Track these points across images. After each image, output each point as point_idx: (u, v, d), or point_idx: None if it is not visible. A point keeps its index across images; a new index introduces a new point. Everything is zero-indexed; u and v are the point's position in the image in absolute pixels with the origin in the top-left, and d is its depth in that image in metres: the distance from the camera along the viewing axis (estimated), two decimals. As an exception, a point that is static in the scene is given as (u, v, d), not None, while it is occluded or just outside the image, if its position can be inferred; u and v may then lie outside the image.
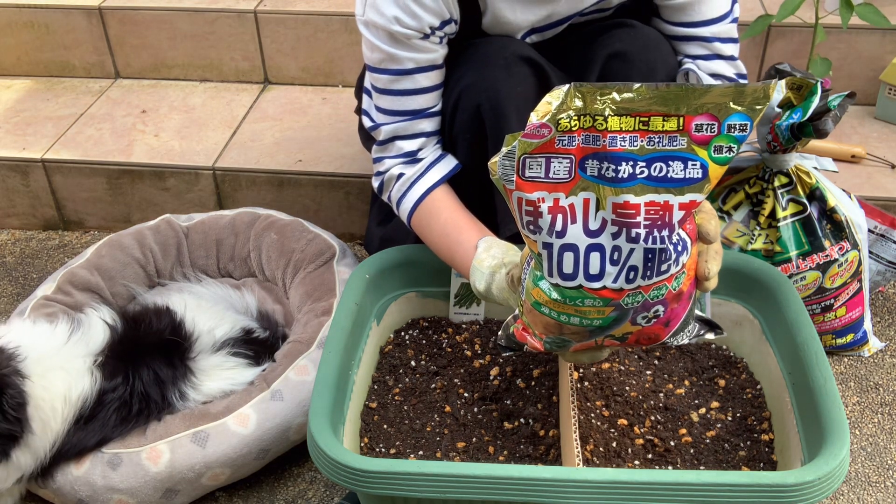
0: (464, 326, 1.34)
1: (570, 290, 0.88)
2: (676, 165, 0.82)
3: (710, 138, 0.82)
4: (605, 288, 0.87)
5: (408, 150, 1.28)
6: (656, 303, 0.89)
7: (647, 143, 0.81)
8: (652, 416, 1.19)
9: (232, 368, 1.37)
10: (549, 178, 0.83)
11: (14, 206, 1.99)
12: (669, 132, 0.81)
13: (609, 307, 0.88)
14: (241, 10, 2.10)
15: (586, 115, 0.80)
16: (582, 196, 0.84)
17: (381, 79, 1.25)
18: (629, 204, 0.83)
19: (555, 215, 0.84)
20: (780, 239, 1.43)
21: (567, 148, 0.82)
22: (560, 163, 0.83)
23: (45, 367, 1.24)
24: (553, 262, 0.87)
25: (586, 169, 0.83)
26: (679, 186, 0.83)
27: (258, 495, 1.35)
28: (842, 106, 1.35)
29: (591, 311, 0.89)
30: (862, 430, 1.41)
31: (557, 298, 0.89)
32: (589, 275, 0.86)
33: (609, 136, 0.81)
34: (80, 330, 1.31)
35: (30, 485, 1.31)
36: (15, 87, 2.23)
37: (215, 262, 1.68)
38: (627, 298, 0.88)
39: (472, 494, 0.95)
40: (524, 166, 0.83)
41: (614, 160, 0.81)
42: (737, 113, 0.81)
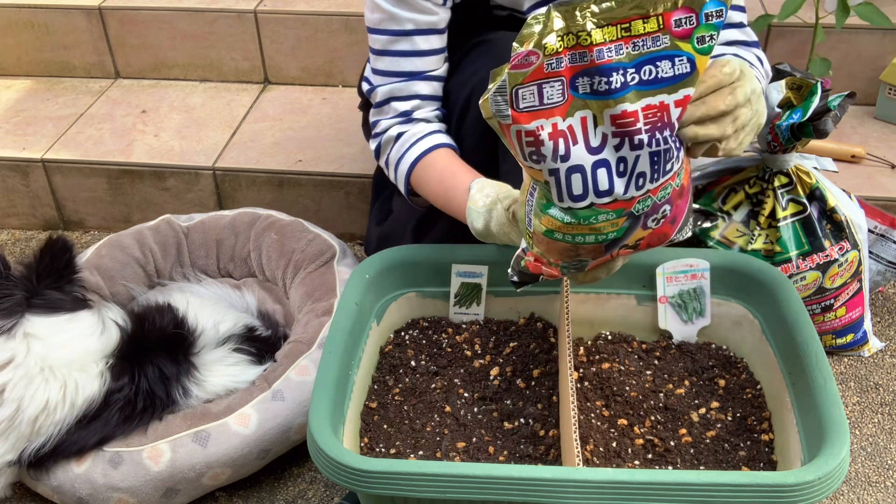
0: (464, 326, 1.34)
1: (582, 210, 0.89)
2: (665, 64, 0.83)
3: (690, 31, 0.83)
4: (616, 200, 0.88)
5: (403, 110, 1.29)
6: (664, 203, 0.91)
7: (632, 49, 0.82)
8: (652, 416, 1.19)
9: (235, 365, 1.37)
10: (543, 105, 0.83)
11: (14, 206, 1.99)
12: (651, 33, 0.82)
13: (622, 217, 0.90)
14: (241, 10, 2.10)
15: (569, 34, 0.80)
16: (579, 115, 0.84)
17: (379, 39, 1.26)
18: (626, 113, 0.83)
19: (556, 140, 0.84)
20: (780, 239, 1.43)
21: (556, 70, 0.82)
22: (552, 86, 0.83)
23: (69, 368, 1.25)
24: (562, 187, 0.87)
25: (578, 87, 0.83)
26: (671, 84, 0.84)
27: (258, 495, 1.35)
28: (842, 106, 1.35)
29: (606, 226, 0.90)
30: (862, 430, 1.41)
31: (571, 221, 0.90)
32: (599, 191, 0.87)
33: (595, 50, 0.81)
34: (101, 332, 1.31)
35: (29, 482, 1.31)
36: (15, 87, 2.23)
37: (215, 262, 1.68)
38: (638, 205, 0.89)
39: (472, 494, 0.95)
40: (517, 98, 0.83)
41: (604, 72, 0.82)
42: (710, 0, 0.82)
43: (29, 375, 1.22)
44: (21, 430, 1.23)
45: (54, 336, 1.26)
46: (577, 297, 1.30)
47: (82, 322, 1.29)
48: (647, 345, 1.31)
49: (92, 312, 1.32)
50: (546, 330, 1.32)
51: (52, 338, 1.25)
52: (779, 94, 1.40)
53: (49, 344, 1.25)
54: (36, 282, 1.28)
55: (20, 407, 1.21)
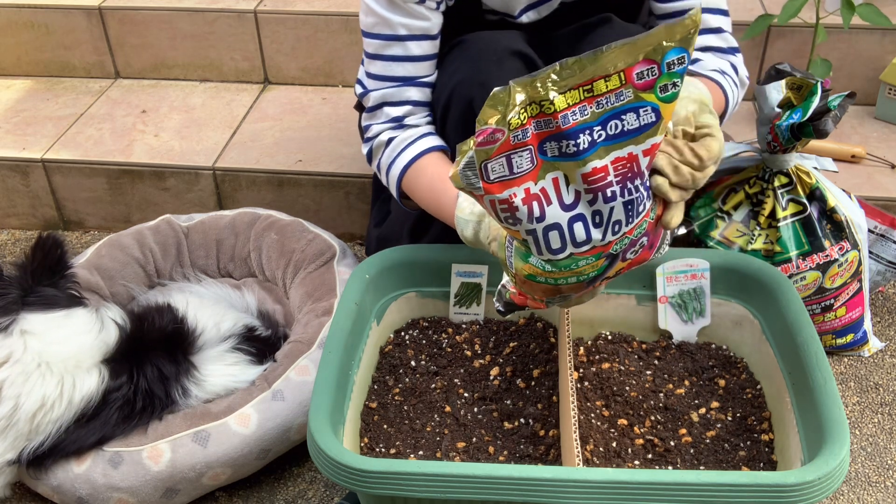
0: (464, 326, 1.34)
1: (562, 261, 0.90)
2: (630, 117, 0.84)
3: (653, 82, 0.83)
4: (594, 247, 0.89)
5: (394, 115, 1.29)
6: (640, 237, 0.92)
7: (596, 108, 0.82)
8: (652, 416, 1.19)
9: (234, 364, 1.37)
10: (514, 174, 0.84)
11: (14, 206, 1.99)
12: (614, 90, 0.82)
13: (601, 259, 0.91)
14: (241, 10, 2.10)
15: (532, 104, 0.81)
16: (550, 177, 0.85)
17: (372, 43, 1.27)
18: (597, 169, 0.84)
19: (530, 204, 0.85)
20: (780, 239, 1.43)
21: (523, 141, 0.82)
22: (521, 156, 0.83)
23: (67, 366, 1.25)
24: (540, 244, 0.89)
25: (546, 151, 0.84)
26: (638, 135, 0.85)
27: (258, 495, 1.35)
28: (842, 106, 1.35)
29: (586, 268, 0.92)
30: (862, 430, 1.41)
31: (551, 270, 0.92)
32: (577, 242, 0.89)
33: (560, 116, 0.81)
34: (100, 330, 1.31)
35: (29, 482, 1.31)
36: (15, 87, 2.23)
37: (215, 262, 1.68)
38: (616, 246, 0.91)
39: (472, 494, 0.96)
40: (487, 171, 0.84)
41: (571, 136, 0.82)
42: (671, 49, 0.82)
43: (26, 372, 1.22)
44: (19, 428, 1.23)
45: (50, 332, 1.26)
46: (577, 297, 1.29)
47: (78, 318, 1.30)
48: (647, 345, 1.31)
49: (88, 310, 1.32)
50: (546, 330, 1.32)
51: (48, 334, 1.25)
52: (779, 94, 1.40)
53: (45, 340, 1.25)
54: (30, 280, 1.28)
55: (18, 404, 1.21)
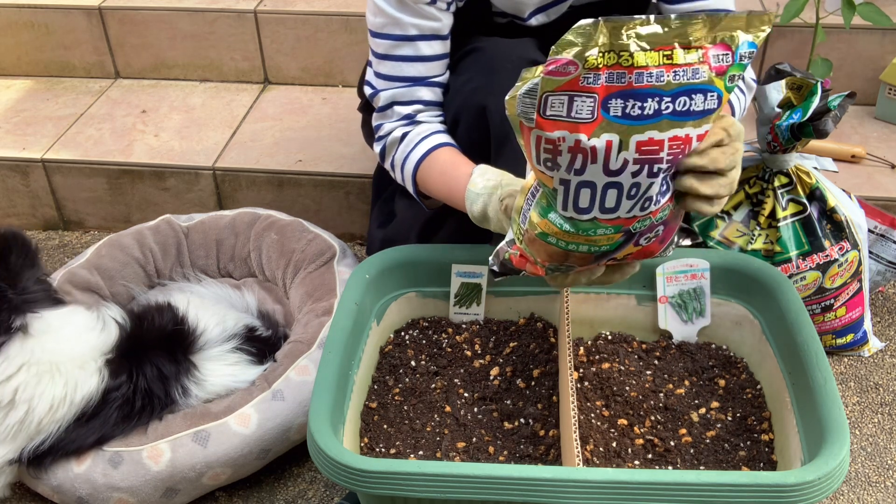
0: (464, 326, 1.34)
1: (583, 223, 0.88)
2: (699, 98, 0.81)
3: (726, 68, 0.81)
4: (618, 218, 0.87)
5: (406, 113, 1.29)
6: (659, 224, 0.91)
7: (672, 78, 0.79)
8: (652, 416, 1.19)
9: (235, 364, 1.37)
10: (570, 118, 0.81)
11: (14, 206, 1.99)
12: (692, 64, 0.80)
13: (619, 233, 0.89)
14: (241, 10, 2.10)
15: (611, 52, 0.78)
16: (605, 138, 0.81)
17: (382, 44, 1.26)
18: (654, 140, 0.81)
19: (574, 154, 0.82)
20: (780, 239, 1.43)
21: (591, 86, 0.79)
22: (583, 101, 0.80)
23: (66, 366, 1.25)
24: (569, 197, 0.86)
25: (609, 109, 0.80)
26: (699, 119, 0.83)
27: (258, 495, 1.35)
28: (842, 106, 1.35)
29: (602, 239, 0.90)
30: (862, 430, 1.41)
31: (569, 230, 0.89)
32: (604, 208, 0.86)
33: (635, 72, 0.78)
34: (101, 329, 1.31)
35: (29, 481, 1.31)
36: (15, 87, 2.23)
37: (215, 262, 1.68)
38: (637, 224, 0.89)
39: (472, 494, 0.95)
40: (545, 104, 0.80)
41: (640, 97, 0.79)
42: (747, 41, 0.81)
43: (39, 373, 1.22)
44: (30, 431, 1.23)
45: (61, 330, 1.27)
46: (577, 297, 1.30)
47: (82, 316, 1.31)
48: (647, 345, 1.31)
49: (86, 308, 1.33)
50: (546, 330, 1.32)
51: (59, 332, 1.26)
52: (779, 94, 1.40)
53: (58, 338, 1.25)
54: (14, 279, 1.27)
55: (31, 407, 1.22)
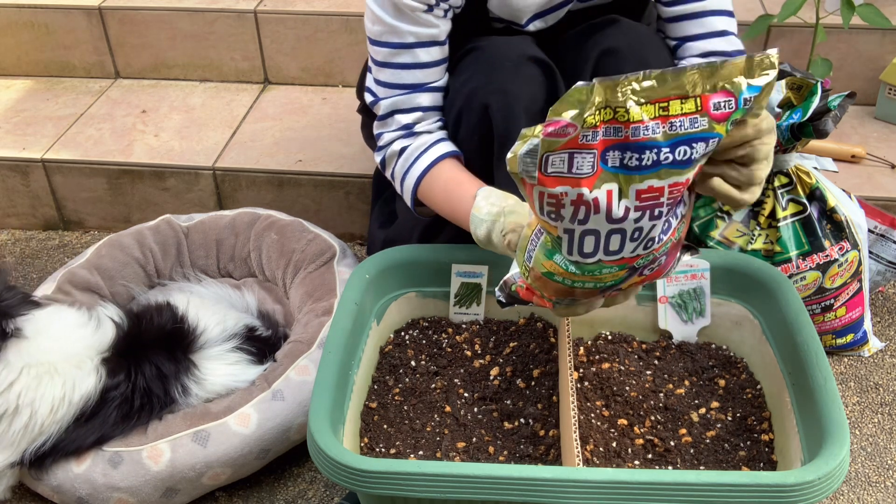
0: (464, 326, 1.34)
1: (589, 265, 0.90)
2: (700, 146, 0.82)
3: (728, 115, 0.82)
4: (623, 258, 0.89)
5: (405, 123, 1.28)
6: (662, 255, 0.92)
7: (668, 129, 0.81)
8: (652, 416, 1.19)
9: (235, 364, 1.37)
10: (572, 173, 0.82)
11: (14, 206, 1.99)
12: (689, 114, 0.81)
13: (623, 270, 0.91)
14: (241, 10, 2.10)
15: (607, 108, 0.80)
16: (605, 188, 0.83)
17: (381, 52, 1.26)
18: (653, 188, 0.83)
19: (577, 207, 0.84)
20: (780, 239, 1.43)
21: (590, 143, 0.81)
22: (583, 157, 0.82)
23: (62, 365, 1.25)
24: (574, 245, 0.88)
25: (608, 160, 0.82)
26: (698, 164, 0.84)
27: (258, 495, 1.35)
28: (842, 106, 1.35)
29: (607, 276, 0.91)
30: (862, 430, 1.41)
31: (575, 272, 0.91)
32: (609, 251, 0.88)
33: (632, 127, 0.80)
34: (97, 328, 1.31)
35: (29, 482, 1.31)
36: (15, 87, 2.23)
37: (215, 262, 1.68)
38: (641, 260, 0.90)
39: (472, 494, 0.95)
40: (546, 163, 0.82)
41: (637, 149, 0.81)
42: (750, 87, 0.82)
43: (38, 375, 1.22)
44: (33, 434, 1.23)
45: (52, 328, 1.27)
46: (577, 297, 1.29)
47: (68, 313, 1.31)
48: (647, 345, 1.31)
49: (70, 306, 1.33)
50: (546, 330, 1.32)
51: (50, 330, 1.26)
52: (779, 94, 1.40)
53: (51, 337, 1.25)
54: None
55: (34, 410, 1.22)
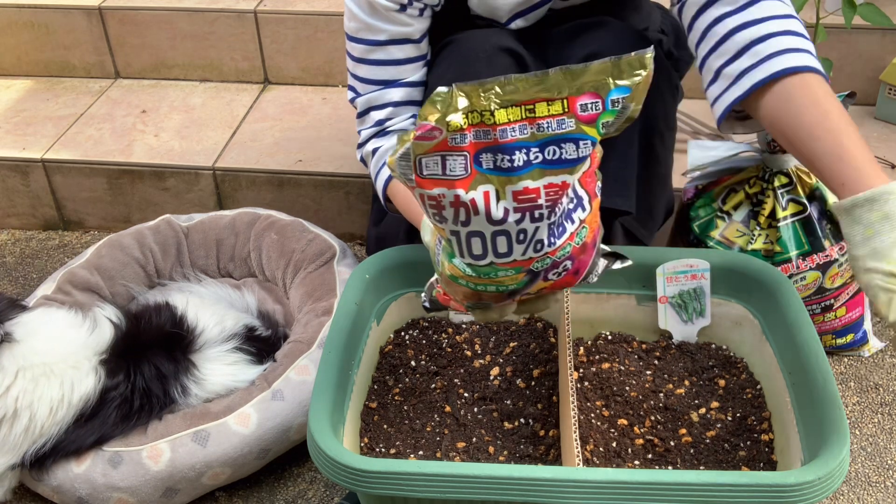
0: (464, 326, 1.34)
1: (482, 267, 0.91)
2: (569, 147, 0.84)
3: (595, 116, 0.83)
4: (514, 261, 0.90)
5: (378, 119, 1.31)
6: (564, 260, 0.93)
7: (536, 130, 0.83)
8: (652, 416, 1.19)
9: (234, 364, 1.37)
10: (446, 175, 0.84)
11: (14, 206, 1.99)
12: (556, 116, 0.83)
13: (521, 273, 0.92)
14: (241, 10, 2.10)
15: (474, 112, 0.82)
16: (482, 189, 0.85)
17: (357, 48, 1.28)
18: (528, 189, 0.85)
19: (457, 209, 0.86)
20: (780, 239, 1.43)
21: (460, 146, 0.83)
22: (455, 160, 0.84)
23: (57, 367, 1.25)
24: (462, 246, 0.90)
25: (481, 163, 0.84)
26: (574, 166, 0.85)
27: (258, 495, 1.35)
28: (842, 106, 1.35)
29: (506, 280, 0.93)
30: (862, 430, 1.41)
31: (472, 274, 0.93)
32: (498, 253, 0.90)
33: (499, 129, 0.82)
34: (93, 329, 1.31)
35: (29, 482, 1.31)
36: (15, 87, 2.23)
37: (215, 262, 1.68)
38: (537, 264, 0.91)
39: (472, 494, 0.95)
40: (421, 165, 0.84)
41: (507, 151, 0.83)
42: (617, 87, 0.83)
43: (35, 377, 1.22)
44: (34, 436, 1.23)
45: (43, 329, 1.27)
46: (577, 297, 1.30)
47: (58, 314, 1.31)
48: (647, 345, 1.31)
49: (62, 308, 1.33)
50: (546, 330, 1.32)
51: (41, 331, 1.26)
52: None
53: (43, 338, 1.25)
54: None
55: (33, 412, 1.22)
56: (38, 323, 1.28)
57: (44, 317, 1.30)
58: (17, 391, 1.21)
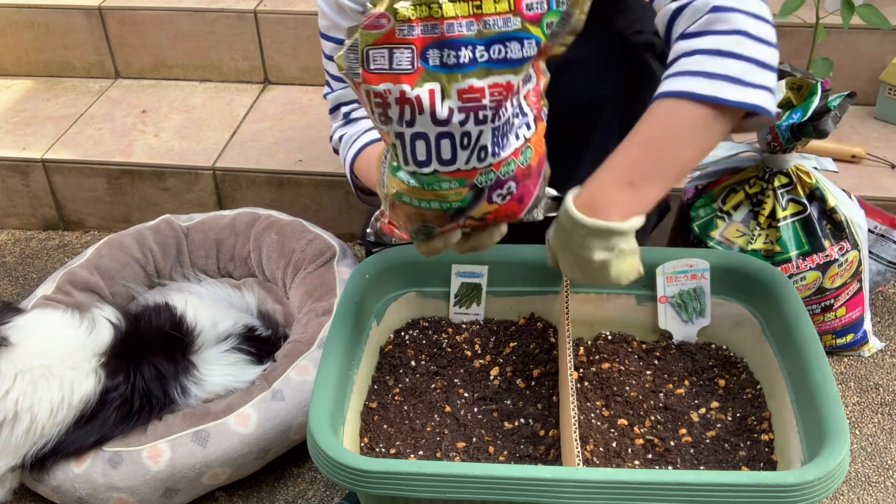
0: (464, 326, 1.34)
1: (426, 176, 0.92)
2: (514, 46, 0.85)
3: (540, 16, 0.85)
4: (458, 170, 0.91)
5: (345, 112, 1.34)
6: (508, 179, 0.93)
7: (483, 27, 0.84)
8: (652, 416, 1.19)
9: (234, 364, 1.37)
10: (393, 69, 0.85)
11: (14, 206, 1.99)
12: (502, 14, 0.84)
13: (465, 188, 0.93)
14: (241, 10, 2.10)
15: (422, 4, 0.83)
16: (427, 87, 0.86)
17: (328, 45, 1.32)
18: (474, 88, 0.86)
19: (402, 106, 0.87)
20: (780, 239, 1.43)
21: (407, 38, 0.84)
22: (402, 53, 0.85)
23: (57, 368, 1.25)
24: (407, 150, 0.90)
25: (428, 59, 0.85)
26: (519, 66, 0.86)
27: (258, 495, 1.35)
28: (842, 106, 1.35)
29: (450, 194, 0.93)
30: (862, 430, 1.41)
31: (416, 185, 0.93)
32: (442, 160, 0.90)
33: (446, 23, 0.83)
34: (91, 329, 1.31)
35: (29, 482, 1.31)
36: (15, 87, 2.23)
37: (215, 262, 1.68)
38: (481, 177, 0.92)
39: (472, 494, 0.95)
40: (368, 58, 0.85)
41: (454, 46, 0.84)
42: None
43: (34, 380, 1.22)
44: (35, 438, 1.23)
45: (39, 331, 1.27)
46: (577, 297, 1.29)
47: (54, 315, 1.32)
48: (647, 345, 1.31)
49: (57, 309, 1.33)
50: (546, 330, 1.32)
51: (38, 333, 1.26)
52: (779, 94, 1.40)
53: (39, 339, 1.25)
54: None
55: (33, 414, 1.22)
56: (34, 326, 1.28)
57: (40, 319, 1.30)
58: (17, 394, 1.21)
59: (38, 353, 1.24)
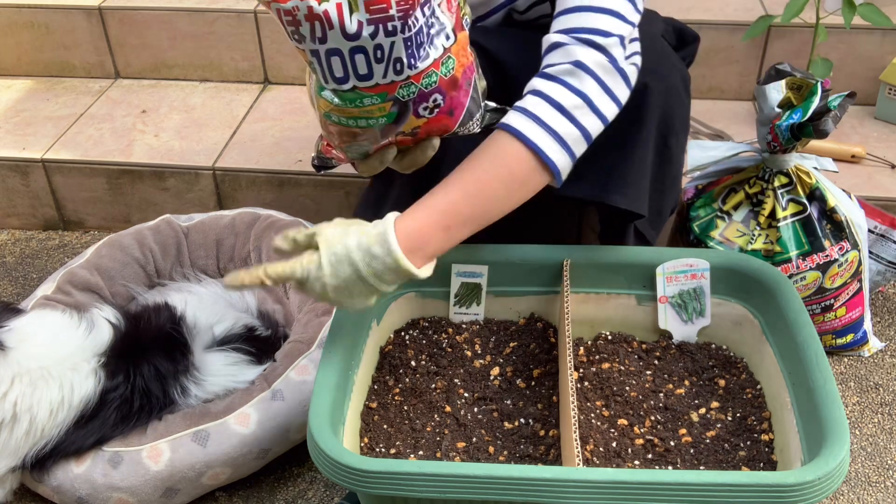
0: (464, 326, 1.34)
1: (347, 93, 0.92)
2: None
3: None
4: (377, 84, 0.91)
5: None
6: (432, 91, 0.93)
7: None
8: (652, 416, 1.19)
9: (234, 364, 1.37)
10: None
11: (14, 206, 1.99)
12: None
13: (388, 102, 0.93)
14: (241, 10, 2.10)
15: None
16: (334, 1, 0.86)
17: None
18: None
19: (312, 22, 0.87)
20: (780, 239, 1.43)
21: None
22: None
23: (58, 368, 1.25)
24: (325, 68, 0.91)
25: None
26: None
27: (258, 495, 1.35)
28: (842, 106, 1.35)
29: (374, 110, 0.93)
30: (862, 430, 1.41)
31: (339, 104, 0.93)
32: (359, 75, 0.90)
33: None
34: (90, 330, 1.31)
35: (28, 482, 1.31)
36: (15, 87, 2.23)
37: (215, 262, 1.68)
38: (402, 90, 0.92)
39: (472, 494, 0.95)
40: None
41: None
42: None
43: (33, 381, 1.22)
44: (35, 438, 1.23)
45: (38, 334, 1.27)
46: (577, 297, 1.30)
47: (52, 317, 1.31)
48: (647, 345, 1.31)
49: (55, 310, 1.33)
50: (546, 330, 1.32)
51: (37, 335, 1.26)
52: (779, 94, 1.40)
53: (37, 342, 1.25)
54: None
55: (33, 415, 1.22)
56: (30, 328, 1.27)
57: (37, 321, 1.30)
58: (15, 396, 1.21)
59: (37, 355, 1.24)
